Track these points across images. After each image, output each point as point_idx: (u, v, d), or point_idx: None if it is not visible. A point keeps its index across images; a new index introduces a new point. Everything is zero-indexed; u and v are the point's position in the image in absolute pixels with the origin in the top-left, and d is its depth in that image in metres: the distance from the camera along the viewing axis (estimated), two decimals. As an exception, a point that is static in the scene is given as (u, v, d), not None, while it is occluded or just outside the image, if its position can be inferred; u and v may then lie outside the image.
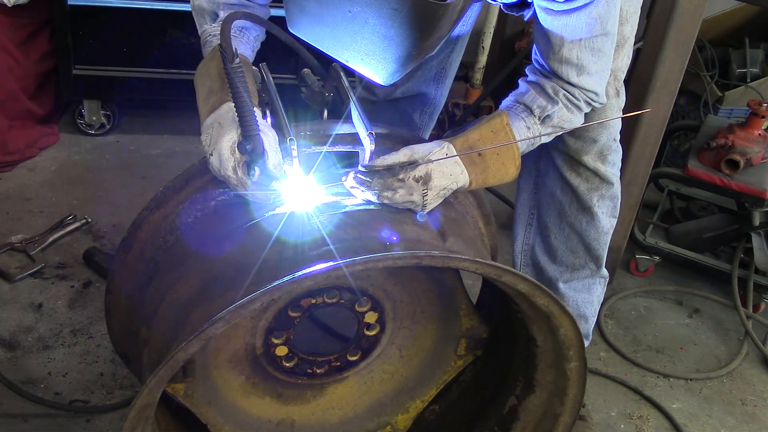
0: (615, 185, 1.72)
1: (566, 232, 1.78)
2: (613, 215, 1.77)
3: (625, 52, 1.60)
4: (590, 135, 1.63)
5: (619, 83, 1.62)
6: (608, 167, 1.69)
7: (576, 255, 1.80)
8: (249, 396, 1.43)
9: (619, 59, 1.58)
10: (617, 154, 1.70)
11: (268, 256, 1.13)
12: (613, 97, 1.60)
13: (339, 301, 1.34)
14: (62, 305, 2.05)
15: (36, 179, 2.56)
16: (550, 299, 1.23)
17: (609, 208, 1.75)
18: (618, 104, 1.63)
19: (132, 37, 2.66)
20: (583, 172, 1.68)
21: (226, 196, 1.28)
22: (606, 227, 1.76)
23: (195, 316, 1.13)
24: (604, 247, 1.79)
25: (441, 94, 1.92)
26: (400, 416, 1.56)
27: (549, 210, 1.78)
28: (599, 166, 1.67)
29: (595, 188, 1.70)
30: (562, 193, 1.73)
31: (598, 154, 1.66)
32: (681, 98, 3.03)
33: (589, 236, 1.76)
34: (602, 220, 1.74)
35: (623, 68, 1.61)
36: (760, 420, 2.06)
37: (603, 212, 1.73)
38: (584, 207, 1.72)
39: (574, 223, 1.75)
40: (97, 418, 1.75)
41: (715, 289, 2.51)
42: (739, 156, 2.26)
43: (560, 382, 1.41)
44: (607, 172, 1.69)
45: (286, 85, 2.43)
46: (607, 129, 1.64)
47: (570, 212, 1.74)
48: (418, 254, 1.11)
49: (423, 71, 1.83)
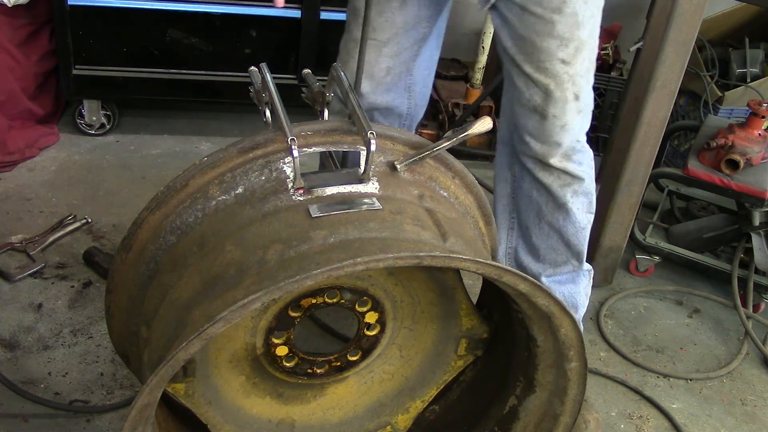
0: (586, 181, 1.79)
1: (546, 230, 1.85)
2: (589, 211, 1.84)
3: (584, 56, 1.63)
4: (553, 139, 1.69)
5: (578, 88, 1.65)
6: (576, 166, 1.75)
7: (557, 252, 1.87)
8: (249, 396, 1.43)
9: (578, 64, 1.62)
10: (583, 153, 1.76)
11: (270, 256, 1.13)
12: (572, 101, 1.65)
13: (339, 301, 1.34)
14: (62, 305, 2.05)
15: (36, 179, 2.56)
16: (550, 299, 1.23)
17: (584, 204, 1.81)
18: (578, 107, 1.67)
19: (132, 37, 2.66)
20: (554, 171, 1.75)
21: (227, 196, 1.28)
22: (582, 222, 1.83)
23: (196, 315, 1.13)
24: (583, 242, 1.86)
25: (415, 104, 1.94)
26: (400, 416, 1.56)
27: (527, 212, 1.85)
28: (567, 165, 1.74)
29: (567, 184, 1.77)
30: (538, 194, 1.80)
31: (563, 155, 1.72)
32: (681, 98, 3.04)
33: (568, 232, 1.83)
34: (578, 216, 1.81)
35: (582, 73, 1.64)
36: (760, 420, 2.06)
37: (578, 208, 1.81)
38: (559, 204, 1.79)
39: (552, 222, 1.82)
40: (97, 418, 1.75)
41: (715, 289, 2.51)
42: (739, 156, 2.27)
43: (561, 382, 1.41)
44: (576, 170, 1.75)
45: (286, 85, 2.45)
46: (569, 132, 1.69)
47: (547, 211, 1.82)
48: (419, 254, 1.11)
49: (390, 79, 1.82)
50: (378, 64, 1.77)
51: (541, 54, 1.60)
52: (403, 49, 1.78)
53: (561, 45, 1.59)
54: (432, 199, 1.35)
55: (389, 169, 1.34)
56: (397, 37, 1.76)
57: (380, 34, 1.74)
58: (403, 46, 1.78)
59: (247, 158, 1.29)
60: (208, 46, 2.72)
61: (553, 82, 1.62)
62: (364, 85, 1.75)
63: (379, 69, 1.78)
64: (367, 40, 1.64)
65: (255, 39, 2.74)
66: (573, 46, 1.59)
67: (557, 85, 1.63)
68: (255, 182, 1.28)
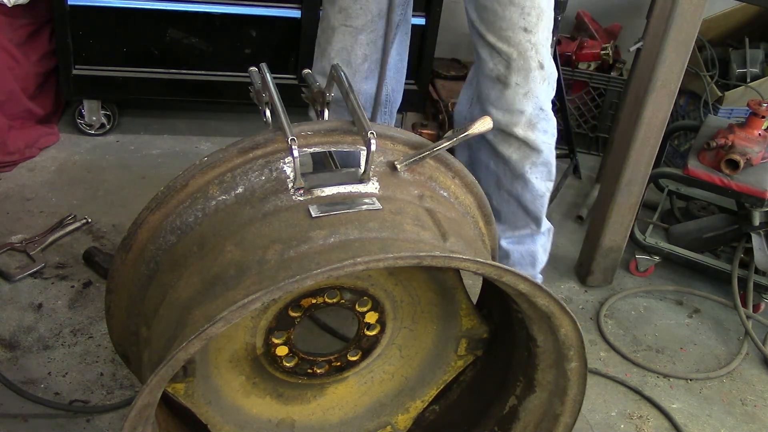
0: (545, 152, 1.83)
1: (505, 197, 1.92)
2: (548, 179, 1.90)
3: (545, 24, 1.69)
4: (516, 107, 1.73)
5: (542, 56, 1.71)
6: (539, 134, 1.79)
7: (517, 216, 1.94)
8: (249, 396, 1.43)
9: (539, 32, 1.68)
10: (547, 122, 1.80)
11: (269, 256, 1.13)
12: (536, 69, 1.70)
13: (340, 301, 1.34)
14: (62, 305, 2.05)
15: (36, 179, 2.56)
16: (550, 299, 1.23)
17: (543, 173, 1.87)
18: (542, 75, 1.72)
19: (132, 37, 2.66)
20: (514, 143, 1.80)
21: (227, 196, 1.28)
22: (541, 190, 1.89)
23: (196, 315, 1.13)
24: (541, 208, 1.94)
25: (392, 90, 1.97)
26: (400, 416, 1.56)
27: (487, 180, 1.91)
28: (530, 134, 1.78)
29: (525, 156, 1.82)
30: (495, 165, 1.86)
31: (527, 124, 1.76)
32: (681, 98, 3.03)
33: (526, 200, 1.90)
34: (536, 185, 1.87)
35: (543, 42, 1.70)
36: (760, 420, 2.06)
37: (536, 177, 1.86)
38: (517, 174, 1.85)
39: (511, 190, 1.89)
40: (97, 418, 1.75)
41: (715, 289, 2.51)
42: (739, 156, 2.27)
43: (560, 382, 1.41)
44: (537, 140, 1.80)
45: (286, 85, 2.45)
46: (532, 99, 1.74)
47: (505, 180, 1.88)
48: (419, 254, 1.11)
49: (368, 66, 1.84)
50: (354, 51, 1.80)
51: (503, 22, 1.66)
52: (378, 36, 1.81)
53: (523, 13, 1.64)
54: (432, 199, 1.35)
55: (389, 169, 1.34)
56: (373, 23, 1.79)
57: (356, 21, 1.76)
58: (379, 33, 1.80)
59: (247, 158, 1.29)
60: (208, 46, 2.72)
61: (515, 50, 1.68)
62: None
63: (356, 56, 1.80)
64: (343, 27, 1.67)
65: (255, 39, 2.74)
66: (534, 14, 1.66)
67: (520, 53, 1.68)
68: (255, 182, 1.28)
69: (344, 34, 1.77)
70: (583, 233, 2.53)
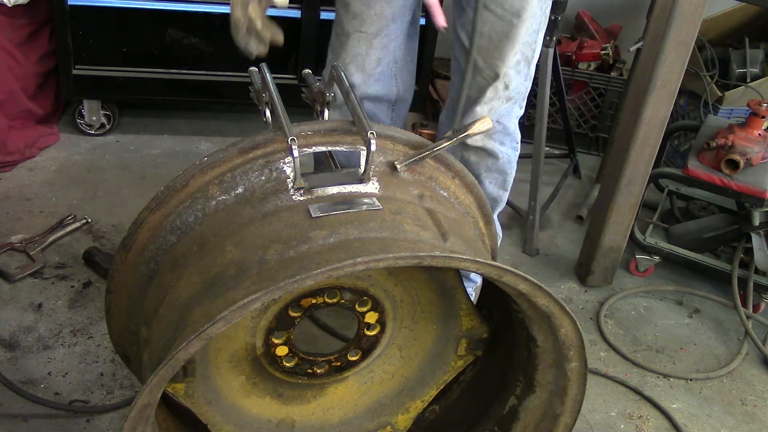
0: (501, 160, 1.87)
1: None
2: (502, 188, 1.94)
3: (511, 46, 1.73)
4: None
5: (509, 78, 1.75)
6: (496, 145, 1.84)
7: None
8: (249, 396, 1.43)
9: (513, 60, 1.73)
10: (505, 135, 1.85)
11: (269, 256, 1.13)
12: (501, 90, 1.76)
13: (339, 301, 1.34)
14: (62, 305, 2.05)
15: (36, 179, 2.56)
16: (550, 299, 1.23)
17: (498, 180, 1.91)
18: (507, 95, 1.77)
19: (132, 37, 2.66)
20: (471, 148, 1.85)
21: (227, 196, 1.28)
22: (492, 195, 1.93)
23: (196, 315, 1.13)
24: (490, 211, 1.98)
25: (403, 90, 1.98)
26: (400, 416, 1.56)
27: None
28: (486, 143, 1.83)
29: (481, 159, 1.86)
30: None
31: (484, 135, 1.78)
32: (681, 98, 3.04)
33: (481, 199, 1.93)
34: (488, 188, 1.91)
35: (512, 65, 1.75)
36: (760, 420, 2.06)
37: (490, 182, 1.91)
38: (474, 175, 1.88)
39: None
40: (97, 418, 1.75)
41: (715, 289, 2.51)
42: (739, 156, 2.27)
43: (561, 382, 1.41)
44: (494, 148, 1.84)
45: (286, 85, 2.44)
46: (492, 114, 1.78)
47: None
48: (419, 254, 1.10)
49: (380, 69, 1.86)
50: (369, 56, 1.81)
51: (496, 52, 1.70)
52: (391, 40, 1.82)
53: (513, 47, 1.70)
54: (432, 199, 1.35)
55: (389, 169, 1.34)
56: (386, 28, 1.79)
57: (370, 27, 1.77)
58: (392, 37, 1.82)
59: (247, 158, 1.29)
60: (208, 46, 2.72)
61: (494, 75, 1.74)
62: (355, 77, 1.80)
63: (370, 61, 1.81)
64: (357, 33, 1.68)
65: (255, 39, 2.73)
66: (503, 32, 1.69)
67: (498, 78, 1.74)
68: (255, 182, 1.28)
69: (359, 40, 1.78)
70: (583, 233, 2.53)
